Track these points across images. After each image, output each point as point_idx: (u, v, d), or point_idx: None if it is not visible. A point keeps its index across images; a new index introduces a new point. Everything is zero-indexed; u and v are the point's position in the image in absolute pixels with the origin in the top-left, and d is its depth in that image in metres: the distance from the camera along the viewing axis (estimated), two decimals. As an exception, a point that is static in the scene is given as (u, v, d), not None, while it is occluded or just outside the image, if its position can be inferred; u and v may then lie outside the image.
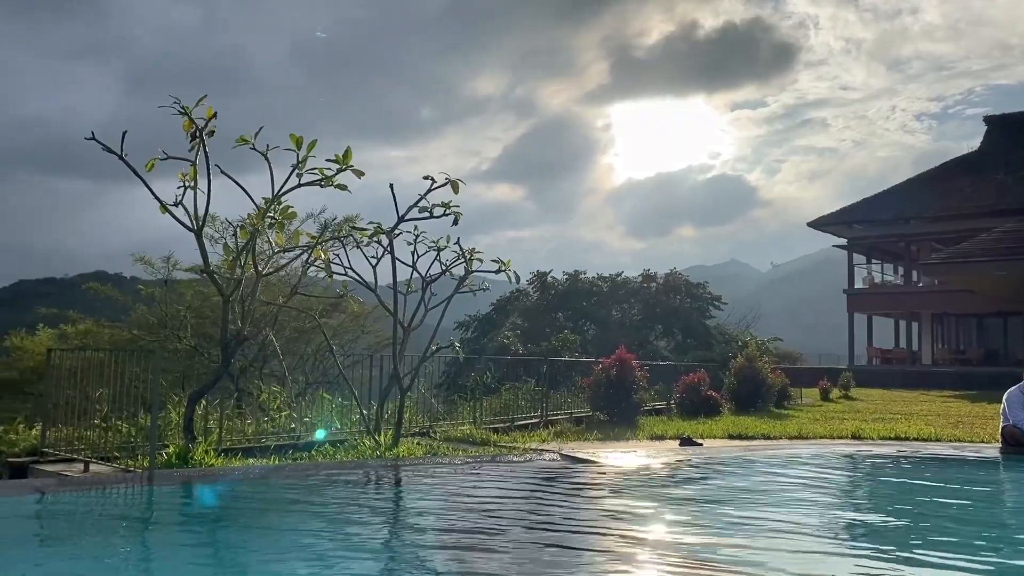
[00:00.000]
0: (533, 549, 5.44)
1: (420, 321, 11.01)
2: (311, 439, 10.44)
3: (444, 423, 13.27)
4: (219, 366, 9.58)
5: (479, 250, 10.76)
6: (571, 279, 38.10)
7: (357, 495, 7.69)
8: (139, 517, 6.67)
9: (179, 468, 8.06)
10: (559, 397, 17.55)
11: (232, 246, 10.55)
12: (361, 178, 9.44)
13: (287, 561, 5.11)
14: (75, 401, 9.17)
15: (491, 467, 9.04)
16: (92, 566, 5.02)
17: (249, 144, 9.01)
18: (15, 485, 7.78)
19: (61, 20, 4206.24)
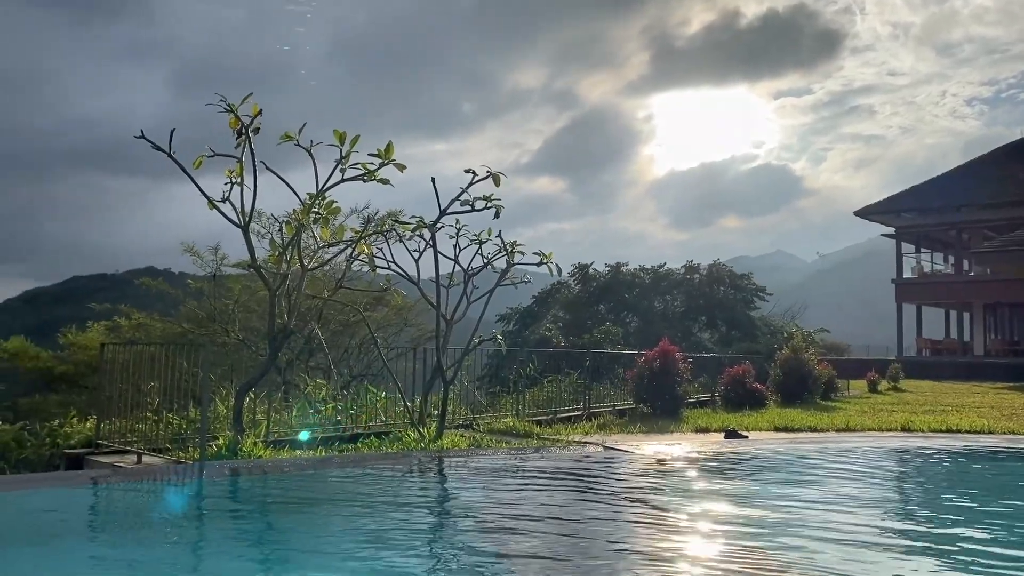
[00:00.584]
0: (579, 539, 5.45)
1: (462, 314, 11.05)
2: (357, 431, 10.56)
3: (487, 415, 13.31)
4: (266, 359, 9.73)
5: (520, 243, 10.78)
6: (613, 271, 37.91)
7: (404, 486, 7.77)
8: (191, 507, 6.82)
9: (228, 459, 8.21)
10: (601, 390, 17.50)
11: (278, 241, 10.69)
12: (403, 172, 9.49)
13: (335, 550, 5.19)
14: (127, 394, 9.39)
15: (535, 459, 9.06)
16: (146, 554, 5.15)
17: (293, 140, 9.11)
18: (72, 476, 8.00)
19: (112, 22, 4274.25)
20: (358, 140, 9.11)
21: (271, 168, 9.27)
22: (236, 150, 9.06)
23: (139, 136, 8.53)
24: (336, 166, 9.32)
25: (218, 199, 9.21)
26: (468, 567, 4.88)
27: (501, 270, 10.93)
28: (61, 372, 16.49)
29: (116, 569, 4.85)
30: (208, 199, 9.07)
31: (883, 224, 45.90)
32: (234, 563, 5.05)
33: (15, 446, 10.52)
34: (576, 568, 4.72)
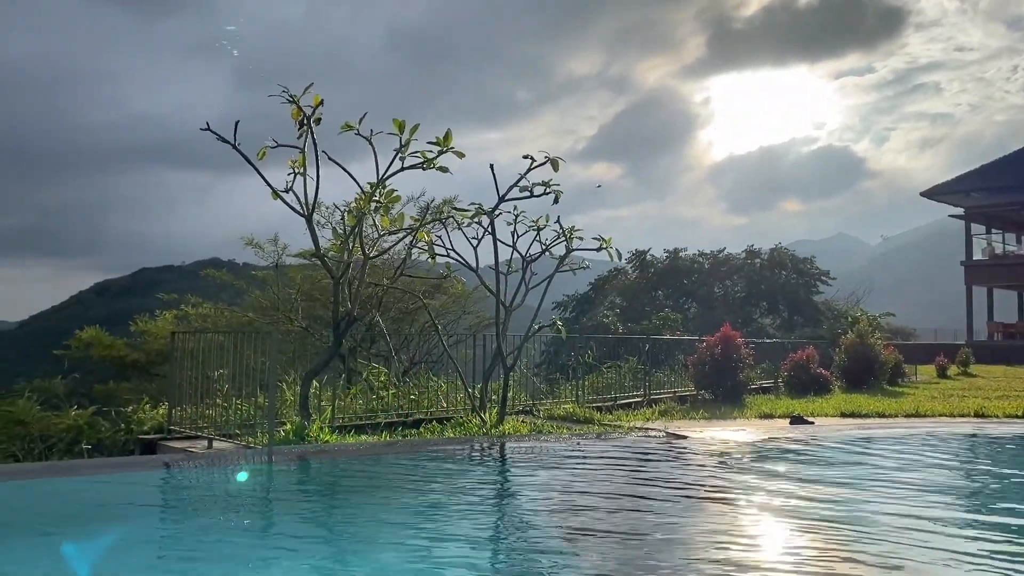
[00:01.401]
0: (643, 523, 5.42)
1: (521, 301, 11.06)
2: (419, 416, 10.68)
3: (546, 402, 13.32)
4: (331, 346, 9.89)
5: (579, 228, 10.73)
6: (671, 257, 37.50)
7: (467, 470, 7.84)
8: (261, 490, 6.98)
9: (296, 444, 8.38)
10: (662, 376, 17.36)
11: (340, 230, 10.84)
12: (461, 159, 9.53)
13: (403, 532, 5.25)
14: (197, 381, 9.64)
15: (597, 444, 9.04)
16: (219, 536, 5.29)
17: (354, 130, 9.21)
18: (146, 461, 8.25)
19: (174, 19, 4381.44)
20: (418, 129, 9.18)
21: (332, 158, 9.39)
22: (298, 141, 9.20)
23: (204, 128, 8.73)
24: (396, 155, 9.40)
25: (281, 189, 9.38)
26: (533, 549, 4.89)
27: (559, 256, 10.90)
28: (133, 360, 17.03)
29: (190, 550, 4.99)
30: (272, 189, 9.24)
31: (951, 205, 44.40)
32: (304, 544, 5.16)
33: (89, 431, 10.89)
34: (641, 550, 4.70)
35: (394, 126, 9.15)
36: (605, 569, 4.33)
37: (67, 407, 11.62)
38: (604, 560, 4.55)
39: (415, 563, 4.57)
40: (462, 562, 4.58)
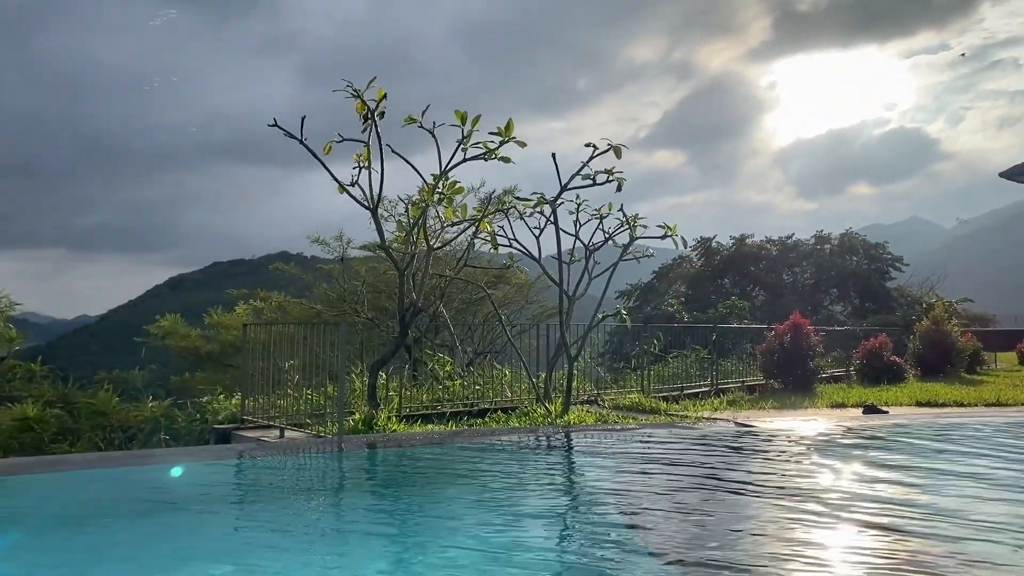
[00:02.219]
0: (713, 514, 5.35)
1: (584, 290, 11.01)
2: (484, 406, 10.74)
3: (611, 391, 13.26)
4: (397, 337, 10.01)
5: (642, 216, 10.62)
6: (737, 243, 36.85)
7: (532, 459, 7.84)
8: (332, 478, 7.12)
9: (365, 433, 8.52)
10: (729, 365, 17.10)
11: (404, 222, 10.96)
12: (523, 148, 9.52)
13: (472, 519, 5.29)
14: (268, 372, 9.87)
15: (663, 435, 8.95)
16: (292, 522, 5.41)
17: (417, 123, 9.27)
18: (221, 449, 8.49)
19: (243, 20, 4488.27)
20: (479, 120, 9.19)
21: (396, 151, 9.48)
22: (363, 135, 9.32)
23: (272, 124, 8.91)
24: (458, 146, 9.44)
25: (347, 183, 9.52)
26: (600, 538, 4.87)
27: (623, 245, 10.81)
28: (207, 351, 17.55)
29: (264, 536, 5.11)
30: (338, 183, 9.38)
31: (1033, 185, 42.54)
32: (377, 530, 5.24)
33: (166, 422, 11.27)
34: (710, 541, 4.63)
35: (456, 117, 9.18)
36: (675, 558, 4.28)
37: (145, 398, 12.05)
38: (673, 549, 4.51)
39: (485, 549, 4.59)
40: (531, 548, 4.59)
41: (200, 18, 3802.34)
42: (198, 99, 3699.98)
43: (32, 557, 4.54)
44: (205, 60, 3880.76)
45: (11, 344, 11.31)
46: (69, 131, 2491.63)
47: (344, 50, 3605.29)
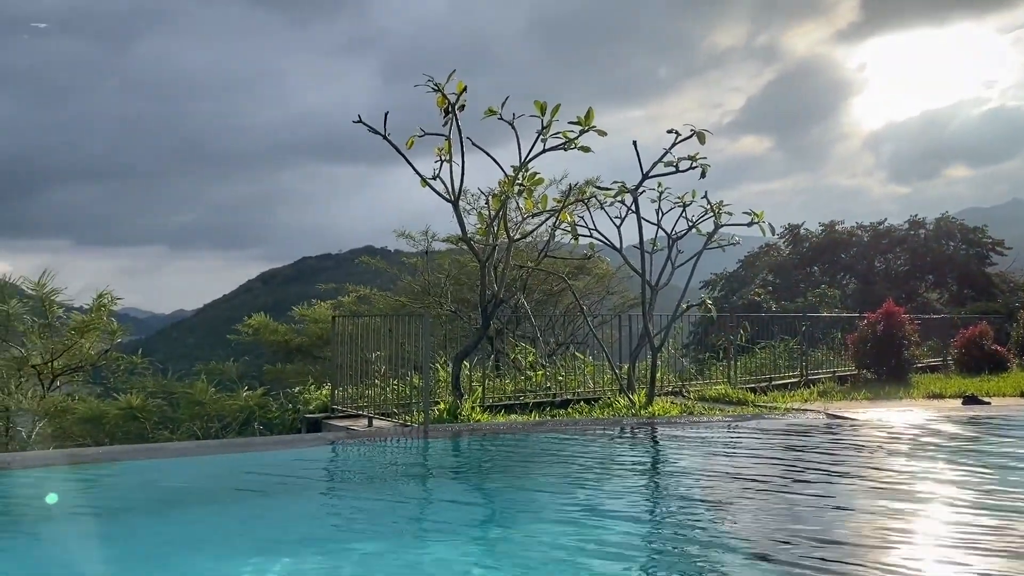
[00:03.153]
0: (802, 506, 5.22)
1: (668, 280, 10.86)
2: (566, 397, 10.74)
3: (696, 383, 13.06)
4: (479, 328, 10.09)
5: (727, 203, 10.41)
6: (826, 230, 35.70)
7: (616, 449, 7.80)
8: (419, 465, 7.24)
9: (450, 422, 8.63)
10: (819, 355, 16.61)
11: (485, 214, 11.02)
12: (603, 137, 9.44)
13: (556, 507, 5.30)
14: (356, 363, 10.11)
15: (752, 426, 8.77)
16: (381, 509, 5.52)
17: (496, 115, 9.30)
18: (312, 438, 8.74)
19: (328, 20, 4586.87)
20: (559, 109, 9.16)
21: (476, 144, 9.53)
22: (443, 129, 9.40)
23: (357, 121, 9.08)
24: (537, 137, 9.43)
25: (429, 177, 9.63)
26: (686, 527, 4.81)
27: (707, 233, 10.62)
28: (297, 344, 18.02)
29: (354, 522, 5.24)
30: (421, 177, 9.50)
31: None
32: (462, 515, 5.31)
33: (259, 411, 11.66)
34: (801, 536, 4.52)
35: (535, 108, 9.17)
36: (770, 555, 4.19)
37: (239, 388, 12.49)
38: (766, 545, 4.41)
39: (570, 536, 4.60)
40: (619, 537, 4.57)
41: (287, 19, 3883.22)
42: (286, 99, 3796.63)
43: (136, 538, 4.77)
44: (292, 61, 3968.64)
45: (114, 337, 11.85)
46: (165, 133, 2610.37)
47: (424, 47, 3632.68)
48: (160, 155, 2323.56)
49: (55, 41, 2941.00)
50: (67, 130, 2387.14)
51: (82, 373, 11.84)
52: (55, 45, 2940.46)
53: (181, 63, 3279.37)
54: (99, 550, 4.48)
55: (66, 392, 11.55)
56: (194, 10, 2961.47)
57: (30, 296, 11.41)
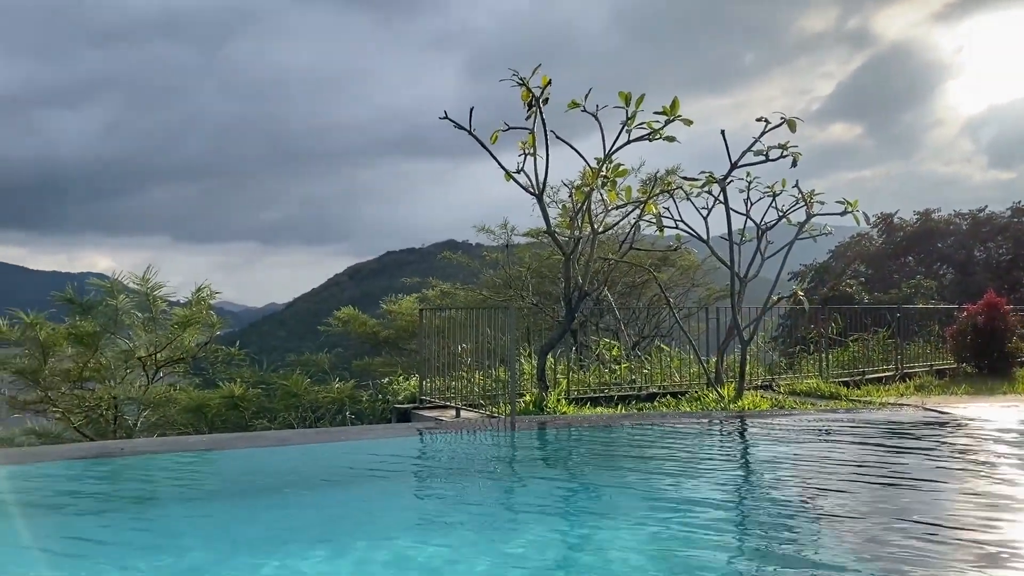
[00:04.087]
0: (903, 506, 5.07)
1: (757, 271, 10.66)
2: (652, 390, 10.67)
3: (786, 376, 12.77)
4: (564, 321, 10.12)
5: (819, 192, 10.14)
6: (921, 219, 34.28)
7: (705, 443, 7.72)
8: (509, 457, 7.32)
9: (536, 414, 8.70)
10: (915, 348, 16.01)
11: (568, 207, 11.03)
12: (689, 127, 9.33)
13: (645, 498, 5.29)
14: (443, 355, 10.27)
15: (846, 421, 8.54)
16: (471, 498, 5.62)
17: (580, 107, 9.29)
18: (403, 428, 8.94)
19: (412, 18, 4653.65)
20: (643, 99, 9.09)
21: (560, 136, 9.55)
22: (527, 122, 9.45)
23: (443, 117, 9.21)
24: (622, 128, 9.38)
25: (513, 171, 9.70)
26: (780, 526, 4.74)
27: (798, 223, 10.37)
28: (384, 336, 18.40)
29: (443, 512, 5.34)
30: (505, 170, 9.57)
31: None
32: (549, 504, 5.35)
33: (350, 401, 11.98)
34: (899, 536, 4.39)
35: (620, 98, 9.12)
36: (861, 553, 4.10)
37: (331, 380, 12.86)
38: (856, 542, 4.31)
39: (658, 529, 4.59)
40: (704, 530, 4.54)
41: (375, 18, 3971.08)
42: (372, 97, 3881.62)
43: (240, 522, 4.98)
44: (379, 59, 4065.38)
45: (213, 330, 12.35)
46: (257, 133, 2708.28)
47: (507, 42, 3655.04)
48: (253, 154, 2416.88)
49: (155, 46, 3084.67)
50: (167, 132, 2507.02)
51: (183, 364, 12.39)
52: (155, 50, 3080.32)
53: (274, 64, 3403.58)
54: (207, 534, 4.71)
55: (168, 383, 12.11)
56: (288, 12, 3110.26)
57: (135, 291, 11.99)
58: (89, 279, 12.41)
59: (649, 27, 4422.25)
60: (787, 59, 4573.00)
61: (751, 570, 3.96)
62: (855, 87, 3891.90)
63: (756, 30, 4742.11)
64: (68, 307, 11.63)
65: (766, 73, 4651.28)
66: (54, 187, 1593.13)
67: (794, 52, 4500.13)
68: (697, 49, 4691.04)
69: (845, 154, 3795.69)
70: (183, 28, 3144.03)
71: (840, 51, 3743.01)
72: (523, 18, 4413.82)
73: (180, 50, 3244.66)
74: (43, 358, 10.84)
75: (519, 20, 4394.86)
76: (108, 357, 11.28)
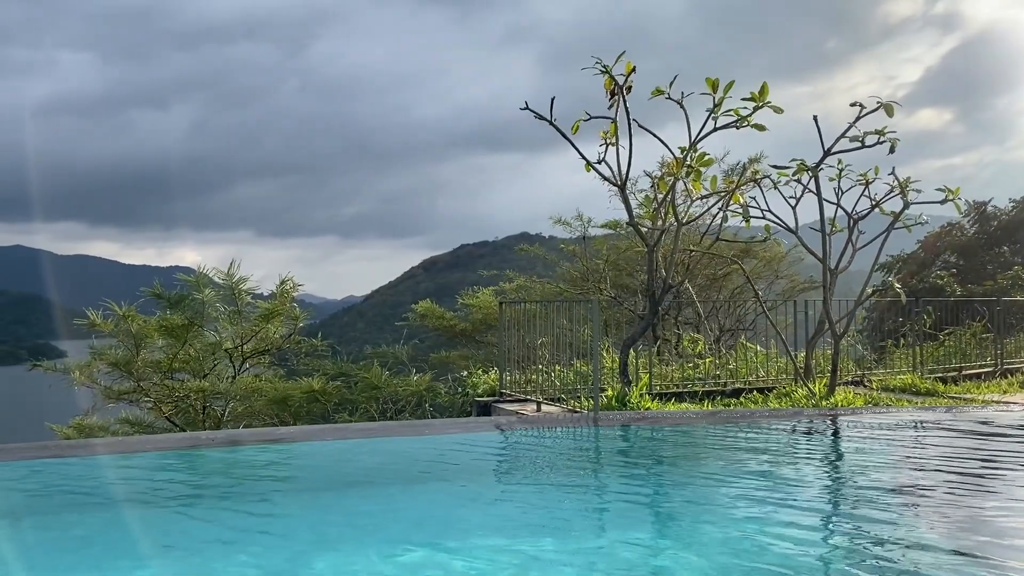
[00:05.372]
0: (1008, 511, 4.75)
1: (848, 263, 10.23)
2: (737, 386, 10.38)
3: (878, 372, 12.28)
4: (647, 314, 9.92)
5: (916, 178, 9.66)
6: (1018, 207, 32.62)
7: (798, 441, 7.44)
8: (590, 452, 7.19)
9: (619, 410, 8.52)
10: (1017, 342, 15.22)
11: (650, 198, 10.80)
12: (780, 114, 9.00)
13: (732, 498, 5.10)
14: (522, 348, 10.19)
15: (946, 419, 8.12)
16: (552, 494, 5.51)
17: (664, 94, 9.05)
18: (483, 421, 8.89)
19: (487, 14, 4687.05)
20: (732, 86, 8.80)
21: (643, 126, 9.33)
22: (609, 111, 9.26)
23: (524, 107, 9.10)
24: (708, 115, 9.11)
25: (594, 161, 9.53)
26: (875, 522, 4.48)
27: (893, 212, 9.91)
28: (461, 329, 18.46)
29: (534, 505, 5.25)
30: (586, 161, 9.41)
31: None
32: (638, 502, 5.21)
33: (429, 394, 12.02)
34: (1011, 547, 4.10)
35: (707, 85, 8.85)
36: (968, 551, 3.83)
37: (410, 372, 12.94)
38: (966, 541, 4.04)
39: (751, 529, 4.40)
40: (792, 530, 4.34)
41: (451, 15, 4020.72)
42: (448, 93, 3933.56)
43: (328, 516, 4.99)
44: (454, 55, 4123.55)
45: (297, 322, 12.55)
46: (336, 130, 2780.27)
47: (582, 34, 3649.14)
48: (332, 151, 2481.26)
49: (239, 48, 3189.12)
50: (250, 130, 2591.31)
51: (268, 356, 12.64)
52: (239, 51, 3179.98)
53: (353, 63, 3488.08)
54: (292, 527, 4.72)
55: (253, 374, 12.37)
56: (366, 12, 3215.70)
57: (220, 285, 12.27)
58: (177, 273, 12.77)
59: (727, 14, 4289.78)
60: (871, 45, 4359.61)
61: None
62: (944, 72, 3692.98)
63: (838, 15, 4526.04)
64: (157, 301, 11.98)
65: (848, 60, 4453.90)
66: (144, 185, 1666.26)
67: (878, 37, 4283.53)
68: (776, 36, 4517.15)
69: (934, 141, 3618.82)
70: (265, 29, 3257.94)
71: (928, 35, 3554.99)
72: (598, 9, 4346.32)
73: (262, 50, 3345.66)
74: (135, 349, 11.18)
75: (594, 11, 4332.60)
76: (196, 349, 11.56)
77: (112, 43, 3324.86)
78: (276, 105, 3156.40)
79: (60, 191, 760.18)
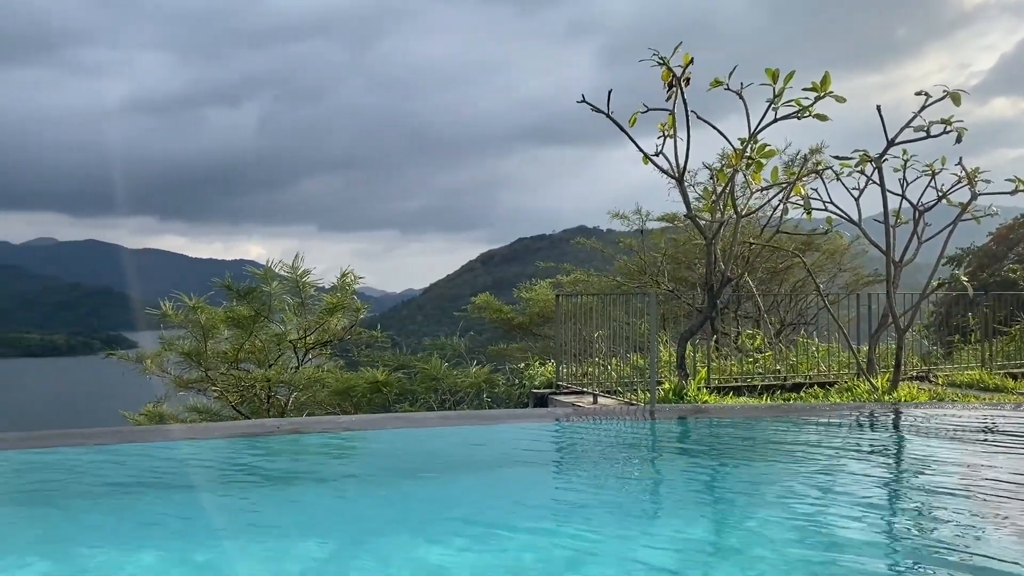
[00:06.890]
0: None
1: (913, 255, 10.02)
2: (797, 380, 10.26)
3: (944, 367, 11.98)
4: (705, 308, 9.86)
5: (985, 169, 9.40)
6: (1096, 198, 31.39)
7: (862, 437, 7.34)
8: (648, 445, 7.21)
9: (676, 403, 8.52)
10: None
11: (709, 190, 10.72)
12: (842, 104, 8.85)
13: (786, 494, 5.09)
14: (579, 341, 10.23)
15: (1017, 417, 7.91)
16: (609, 487, 5.57)
17: (723, 85, 8.99)
18: (540, 413, 8.98)
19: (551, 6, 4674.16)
20: (793, 76, 8.70)
21: (702, 117, 9.29)
22: (667, 103, 9.24)
23: (580, 100, 9.14)
24: (768, 106, 9.02)
25: (651, 154, 9.52)
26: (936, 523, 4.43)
27: (960, 204, 9.67)
28: (518, 323, 18.59)
29: (592, 496, 5.31)
30: (644, 153, 9.41)
31: None
32: (696, 495, 5.23)
33: (487, 386, 12.14)
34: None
35: (767, 75, 8.77)
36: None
37: (468, 364, 13.10)
38: None
39: (811, 526, 4.39)
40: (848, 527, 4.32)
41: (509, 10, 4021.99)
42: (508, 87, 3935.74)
43: (393, 502, 5.12)
44: (516, 49, 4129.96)
45: (358, 314, 12.80)
46: (399, 126, 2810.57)
47: (644, 26, 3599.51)
48: (394, 146, 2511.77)
49: (306, 46, 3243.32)
50: (316, 126, 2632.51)
51: (328, 347, 12.93)
52: (306, 49, 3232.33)
53: (418, 59, 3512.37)
54: (373, 511, 4.88)
55: (316, 364, 12.67)
56: (431, 8, 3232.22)
57: (285, 278, 12.58)
58: (244, 267, 13.13)
59: (794, 3, 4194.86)
60: (943, 33, 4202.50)
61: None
62: (1019, 59, 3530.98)
63: (908, 3, 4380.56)
64: (225, 292, 12.35)
65: (919, 48, 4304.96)
66: (213, 180, 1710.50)
67: (951, 25, 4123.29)
68: (844, 25, 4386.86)
69: (1008, 130, 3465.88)
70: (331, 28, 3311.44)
71: (1004, 22, 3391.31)
72: (661, 1, 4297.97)
73: (328, 48, 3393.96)
74: (204, 340, 11.55)
75: (657, 4, 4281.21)
76: (262, 340, 11.90)
77: (187, 43, 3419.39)
78: (342, 101, 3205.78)
79: (133, 188, 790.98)
